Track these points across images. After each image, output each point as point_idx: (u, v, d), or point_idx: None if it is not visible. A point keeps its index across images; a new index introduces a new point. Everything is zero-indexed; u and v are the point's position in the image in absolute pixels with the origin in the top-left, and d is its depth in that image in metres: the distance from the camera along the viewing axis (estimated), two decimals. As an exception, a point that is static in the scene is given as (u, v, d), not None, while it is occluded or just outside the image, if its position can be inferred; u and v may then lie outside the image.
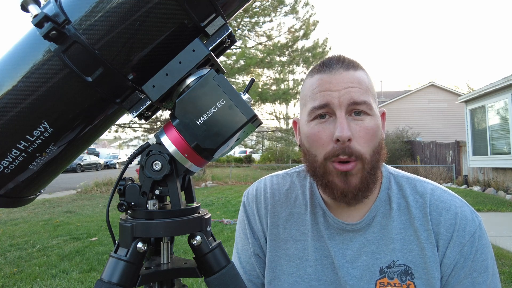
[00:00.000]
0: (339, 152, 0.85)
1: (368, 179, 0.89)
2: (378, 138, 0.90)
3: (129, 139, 18.06)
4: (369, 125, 0.87)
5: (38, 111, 0.69)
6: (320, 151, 0.89)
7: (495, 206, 8.90)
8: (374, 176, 0.90)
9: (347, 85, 0.87)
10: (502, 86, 11.25)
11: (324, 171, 0.89)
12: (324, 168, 0.89)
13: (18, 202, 0.81)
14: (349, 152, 0.85)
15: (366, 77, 0.92)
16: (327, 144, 0.87)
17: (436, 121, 22.23)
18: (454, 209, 0.93)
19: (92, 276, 4.41)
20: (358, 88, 0.88)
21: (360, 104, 0.87)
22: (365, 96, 0.88)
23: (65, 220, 8.06)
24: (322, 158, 0.88)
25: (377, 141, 0.89)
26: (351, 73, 0.89)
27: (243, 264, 1.07)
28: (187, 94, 0.68)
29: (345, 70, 0.89)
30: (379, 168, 0.92)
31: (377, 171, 0.91)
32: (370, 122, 0.88)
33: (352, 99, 0.86)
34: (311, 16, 16.32)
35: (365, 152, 0.87)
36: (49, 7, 0.65)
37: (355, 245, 0.96)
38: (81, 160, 28.35)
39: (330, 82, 0.88)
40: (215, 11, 0.70)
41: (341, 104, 0.86)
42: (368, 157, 0.87)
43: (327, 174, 0.89)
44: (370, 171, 0.88)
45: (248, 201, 1.10)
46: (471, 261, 0.90)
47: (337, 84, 0.87)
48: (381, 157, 0.92)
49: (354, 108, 0.87)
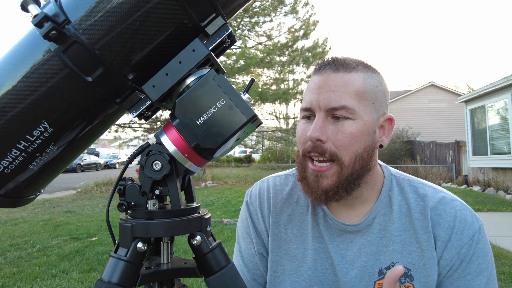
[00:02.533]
0: (311, 149, 0.89)
1: (345, 183, 0.89)
2: (361, 143, 0.88)
3: (129, 139, 18.06)
4: (348, 129, 0.87)
5: (38, 111, 0.69)
6: (300, 147, 0.94)
7: (495, 206, 8.91)
8: (356, 181, 0.90)
9: (329, 88, 0.88)
10: (502, 86, 11.25)
11: (303, 167, 0.94)
12: (303, 163, 0.94)
13: (18, 202, 0.81)
14: (320, 151, 0.88)
15: (362, 79, 0.89)
16: (305, 141, 0.91)
17: (436, 121, 22.22)
18: (454, 212, 0.93)
19: (92, 276, 4.41)
20: (341, 92, 0.87)
21: (338, 109, 0.87)
22: (347, 100, 0.87)
23: (65, 220, 8.06)
24: (301, 154, 0.93)
25: (360, 146, 0.88)
26: (340, 76, 0.89)
27: (247, 263, 1.07)
28: (187, 94, 0.68)
29: (334, 72, 0.89)
30: (364, 174, 0.92)
31: (362, 176, 0.91)
32: (350, 126, 0.87)
33: (329, 104, 0.87)
34: (311, 16, 16.32)
35: (342, 155, 0.87)
36: (49, 7, 0.65)
37: (355, 246, 0.96)
38: (81, 160, 28.34)
39: (318, 84, 0.90)
40: (215, 11, 0.70)
41: (320, 107, 0.88)
42: (346, 161, 0.87)
43: (305, 169, 0.94)
44: (349, 176, 0.88)
45: (251, 200, 1.10)
46: (467, 263, 0.90)
47: (322, 87, 0.89)
48: (370, 163, 0.91)
49: (333, 113, 0.87)
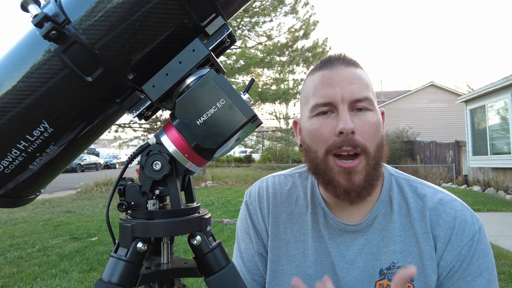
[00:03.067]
0: (342, 143, 0.84)
1: (372, 176, 0.89)
2: (380, 134, 0.90)
3: (129, 139, 18.06)
4: (372, 119, 0.88)
5: (38, 111, 0.69)
6: (321, 146, 0.88)
7: (495, 206, 8.90)
8: (377, 172, 0.90)
9: (349, 81, 0.88)
10: (502, 86, 11.25)
11: (326, 167, 0.88)
12: (325, 163, 0.88)
13: (18, 202, 0.81)
14: (353, 144, 0.84)
15: (365, 75, 0.93)
16: (329, 138, 0.86)
17: (436, 121, 22.21)
18: (454, 213, 0.92)
19: (92, 276, 4.41)
20: (359, 84, 0.89)
21: (362, 100, 0.87)
22: (366, 92, 0.89)
23: (65, 220, 8.05)
24: (324, 152, 0.87)
25: (380, 137, 0.90)
26: (352, 70, 0.91)
27: (246, 263, 1.07)
28: (187, 94, 0.68)
29: (346, 67, 0.91)
30: (382, 165, 0.93)
31: (380, 168, 0.92)
32: (372, 117, 0.88)
33: (354, 95, 0.87)
34: (311, 16, 16.32)
35: (369, 146, 0.87)
36: (49, 7, 0.65)
37: (355, 246, 0.96)
38: (81, 160, 28.33)
39: (332, 78, 0.89)
40: (215, 11, 0.70)
41: (344, 100, 0.86)
42: (372, 152, 0.88)
43: (329, 170, 0.88)
44: (374, 167, 0.89)
45: (251, 200, 1.10)
46: (467, 264, 0.89)
47: (339, 80, 0.88)
48: (384, 153, 0.92)
49: (356, 104, 0.87)
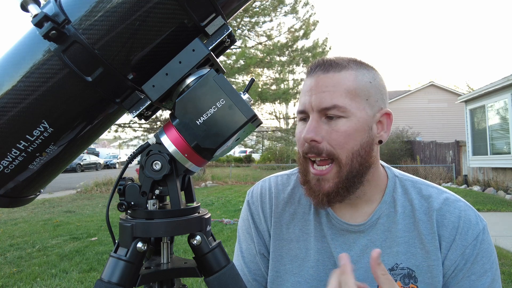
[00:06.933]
0: (308, 150, 0.90)
1: (345, 183, 0.89)
2: (357, 140, 0.88)
3: (129, 139, 18.06)
4: (342, 128, 0.87)
5: (38, 111, 0.69)
6: (300, 149, 0.95)
7: (495, 206, 8.91)
8: (356, 178, 0.90)
9: (320, 89, 0.89)
10: (502, 86, 11.25)
11: (304, 170, 0.94)
12: (304, 166, 0.94)
13: (18, 202, 0.81)
14: (316, 151, 0.89)
15: (353, 77, 0.89)
16: (303, 143, 0.92)
17: (436, 121, 22.21)
18: (458, 213, 0.93)
19: (92, 276, 4.41)
20: (332, 91, 0.88)
21: (330, 109, 0.88)
22: (338, 99, 0.87)
23: (65, 220, 8.06)
24: (302, 156, 0.94)
25: (355, 143, 0.88)
26: (330, 76, 0.90)
27: (248, 263, 1.06)
28: (187, 94, 0.68)
29: (324, 73, 0.91)
30: (365, 171, 0.92)
31: (362, 174, 0.91)
32: (344, 125, 0.88)
33: (322, 104, 0.88)
34: (311, 16, 16.32)
35: (339, 153, 0.88)
36: (49, 7, 0.65)
37: (358, 246, 0.96)
38: (81, 160, 28.30)
39: (310, 85, 0.92)
40: (215, 11, 0.70)
41: (313, 108, 0.90)
42: (343, 159, 0.88)
43: (307, 173, 0.94)
44: (348, 175, 0.89)
45: (253, 200, 1.10)
46: (471, 263, 0.90)
47: (312, 88, 0.91)
48: (369, 159, 0.91)
49: (326, 112, 0.88)
